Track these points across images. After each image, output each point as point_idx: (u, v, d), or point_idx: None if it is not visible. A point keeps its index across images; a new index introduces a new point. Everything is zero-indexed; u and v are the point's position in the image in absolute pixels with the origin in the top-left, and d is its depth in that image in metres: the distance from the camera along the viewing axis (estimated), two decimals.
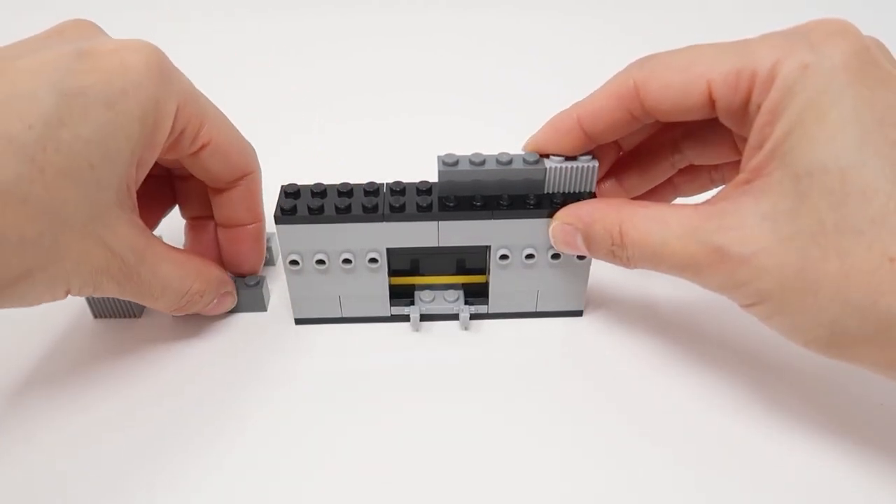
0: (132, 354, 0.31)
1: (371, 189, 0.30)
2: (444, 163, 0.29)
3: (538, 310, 0.33)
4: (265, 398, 0.29)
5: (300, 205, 0.29)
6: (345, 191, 0.30)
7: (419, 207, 0.29)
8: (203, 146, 0.28)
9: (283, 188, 0.30)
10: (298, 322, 0.32)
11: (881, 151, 0.21)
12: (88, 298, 0.32)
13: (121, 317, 0.33)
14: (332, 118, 0.54)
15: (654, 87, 0.25)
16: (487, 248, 0.30)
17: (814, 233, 0.21)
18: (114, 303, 0.32)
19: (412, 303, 0.32)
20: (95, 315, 0.33)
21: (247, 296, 0.33)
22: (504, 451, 0.26)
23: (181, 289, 0.28)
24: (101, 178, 0.23)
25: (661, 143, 0.31)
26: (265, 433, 0.27)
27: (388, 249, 0.30)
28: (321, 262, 0.30)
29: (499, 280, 0.31)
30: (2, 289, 0.22)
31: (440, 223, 0.29)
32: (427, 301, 0.32)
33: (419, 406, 0.28)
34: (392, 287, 0.31)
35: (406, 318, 0.32)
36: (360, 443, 0.27)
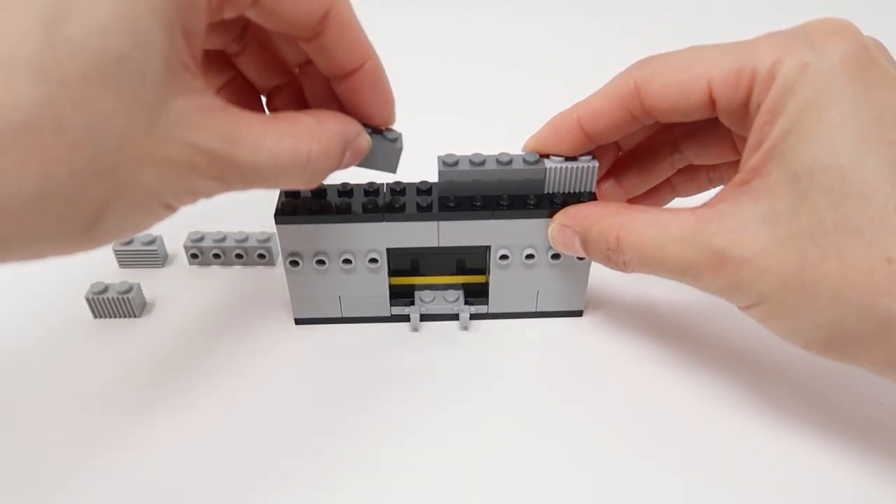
0: (132, 354, 0.31)
1: (371, 189, 0.30)
2: (444, 163, 0.29)
3: (538, 310, 0.33)
4: (265, 398, 0.29)
5: (300, 205, 0.29)
6: (345, 191, 0.30)
7: (419, 207, 0.29)
8: None
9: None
10: (298, 322, 0.32)
11: (880, 151, 0.21)
12: (88, 298, 0.32)
13: (121, 317, 0.33)
14: None
15: (655, 87, 0.25)
16: (487, 248, 0.30)
17: (813, 233, 0.21)
18: (114, 303, 0.32)
19: (412, 303, 0.32)
20: (95, 315, 0.33)
21: (381, 149, 0.27)
22: (504, 451, 0.26)
23: (298, 158, 0.23)
24: (139, 69, 0.18)
25: (661, 144, 0.31)
26: (265, 433, 0.27)
27: (389, 249, 0.30)
28: (321, 262, 0.30)
29: (499, 280, 0.31)
30: (89, 228, 0.19)
31: (440, 223, 0.29)
32: (427, 301, 0.32)
33: (419, 406, 0.28)
34: (392, 287, 0.31)
35: (406, 318, 0.32)
36: (360, 443, 0.27)
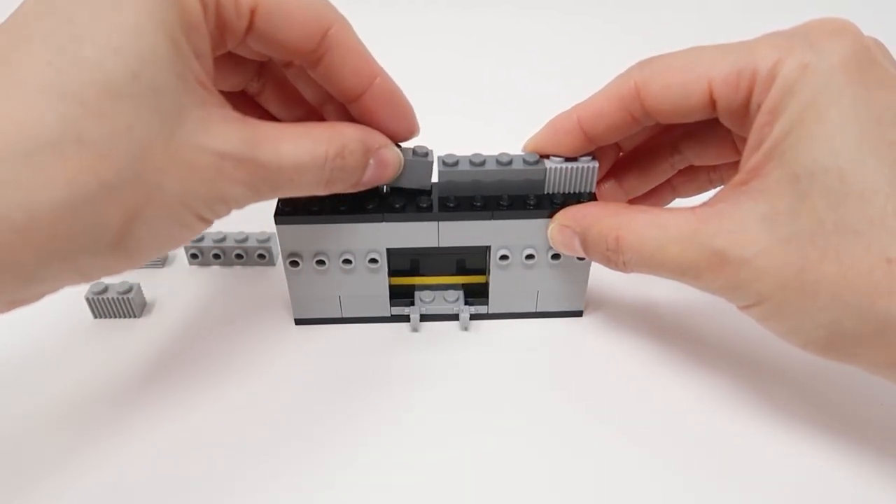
0: (132, 354, 0.31)
1: (371, 189, 0.30)
2: (444, 163, 0.29)
3: (538, 310, 0.33)
4: (265, 398, 0.29)
5: (300, 205, 0.29)
6: None
7: (419, 207, 0.29)
8: (253, 11, 0.23)
9: None
10: (298, 322, 0.32)
11: (880, 151, 0.21)
12: (88, 298, 0.32)
13: (121, 317, 0.33)
14: None
15: (655, 88, 0.25)
16: (487, 249, 0.30)
17: (812, 233, 0.21)
18: (114, 303, 0.32)
19: (412, 303, 0.32)
20: (95, 315, 0.33)
21: (413, 165, 0.27)
22: (504, 452, 0.26)
23: (317, 159, 0.24)
24: (153, 83, 0.20)
25: (661, 145, 0.31)
26: (265, 433, 0.27)
27: (389, 249, 0.30)
28: (321, 263, 0.30)
29: (499, 280, 0.31)
30: (121, 238, 0.20)
31: (440, 223, 0.29)
32: (427, 301, 0.32)
33: (419, 406, 0.28)
34: (392, 287, 0.31)
35: (406, 319, 0.32)
36: (360, 443, 0.27)
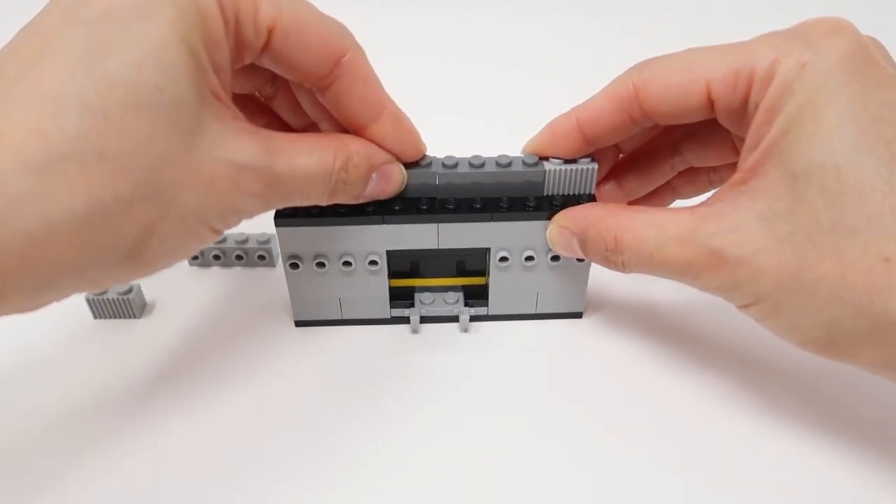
0: (132, 355, 0.31)
1: None
2: (444, 165, 0.29)
3: (538, 312, 0.33)
4: (265, 400, 0.29)
5: (300, 207, 0.29)
6: None
7: (419, 209, 0.29)
8: (271, 31, 0.23)
9: None
10: (298, 324, 0.32)
11: (877, 150, 0.21)
12: (88, 299, 0.32)
13: (121, 317, 0.33)
14: None
15: (654, 89, 0.25)
16: (487, 250, 0.30)
17: (810, 232, 0.21)
18: (114, 303, 0.32)
19: (412, 305, 0.32)
20: (95, 316, 0.33)
21: (416, 177, 0.29)
22: (504, 452, 0.26)
23: (323, 171, 0.25)
24: (174, 97, 0.20)
25: (661, 146, 0.31)
26: (265, 435, 0.27)
27: (388, 251, 0.30)
28: (321, 264, 0.30)
29: (498, 282, 0.31)
30: (136, 252, 0.20)
31: (440, 225, 0.29)
32: (427, 303, 0.32)
33: (419, 408, 0.28)
34: (392, 289, 0.31)
35: (406, 320, 0.32)
36: (360, 445, 0.27)
